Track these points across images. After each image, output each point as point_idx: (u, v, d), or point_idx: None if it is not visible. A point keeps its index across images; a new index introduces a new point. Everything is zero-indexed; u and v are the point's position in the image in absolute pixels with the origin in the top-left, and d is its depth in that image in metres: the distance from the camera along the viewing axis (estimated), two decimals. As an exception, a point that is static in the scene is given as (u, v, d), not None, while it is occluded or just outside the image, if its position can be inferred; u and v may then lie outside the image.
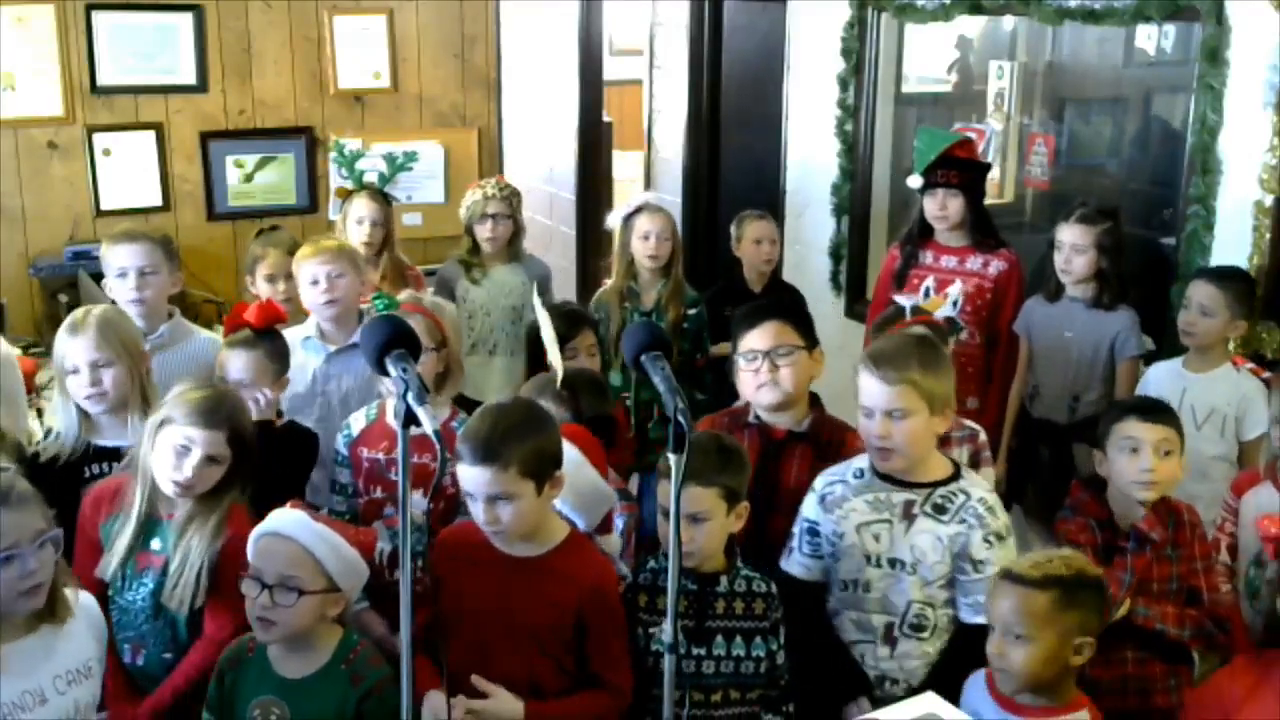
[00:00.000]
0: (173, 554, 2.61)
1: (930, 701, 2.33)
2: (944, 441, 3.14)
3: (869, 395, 2.63)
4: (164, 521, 2.65)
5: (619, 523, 2.94)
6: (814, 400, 3.05)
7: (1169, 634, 2.74)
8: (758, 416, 3.01)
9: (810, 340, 3.02)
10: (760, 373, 2.93)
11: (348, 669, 2.41)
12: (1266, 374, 3.38)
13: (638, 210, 4.39)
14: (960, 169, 4.00)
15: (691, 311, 4.35)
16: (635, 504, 3.09)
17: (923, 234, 4.13)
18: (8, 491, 2.12)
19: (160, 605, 2.63)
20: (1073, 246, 3.73)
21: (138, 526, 2.64)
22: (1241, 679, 2.31)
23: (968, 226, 4.05)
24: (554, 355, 3.18)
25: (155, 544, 2.65)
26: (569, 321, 3.56)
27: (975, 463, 3.21)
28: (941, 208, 4.02)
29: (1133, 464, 2.82)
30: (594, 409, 3.06)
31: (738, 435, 2.96)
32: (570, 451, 2.63)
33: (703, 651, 2.55)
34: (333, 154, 4.76)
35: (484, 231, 4.56)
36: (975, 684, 2.49)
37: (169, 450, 2.60)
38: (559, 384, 3.05)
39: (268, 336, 3.22)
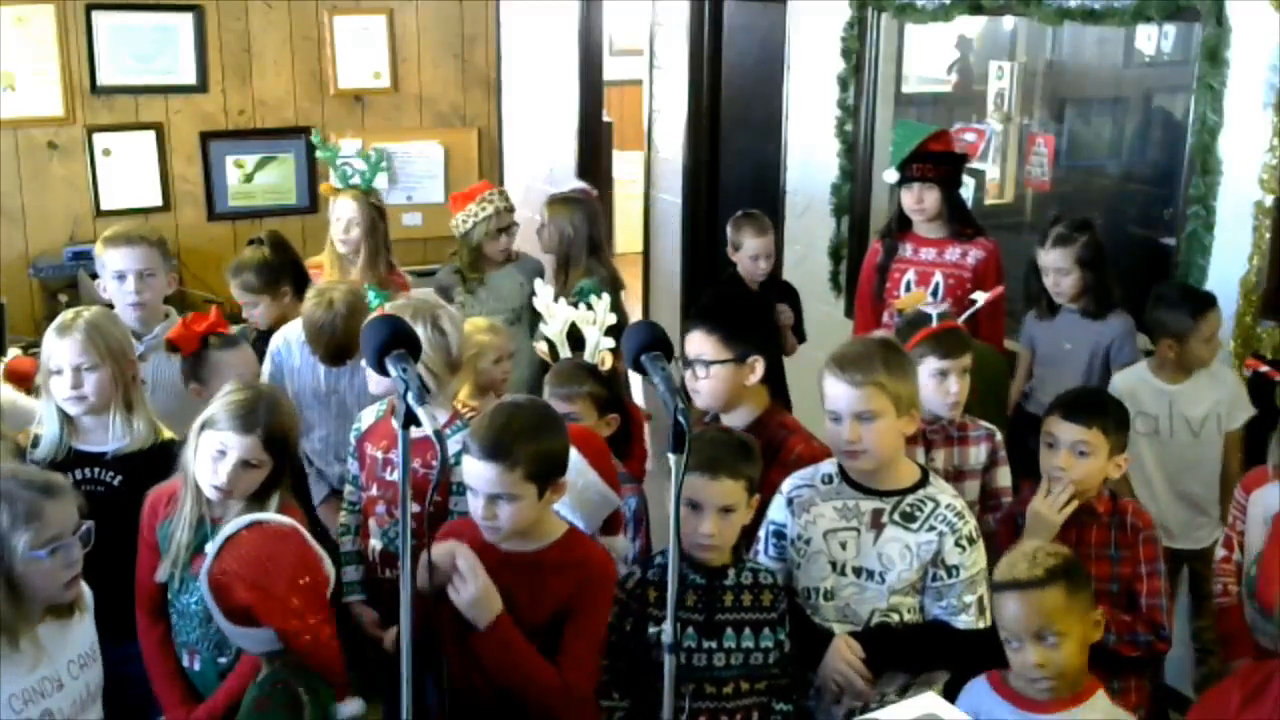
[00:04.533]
0: None
1: (930, 701, 2.33)
2: (964, 441, 3.16)
3: (835, 399, 2.61)
4: (217, 525, 2.63)
5: (631, 503, 2.96)
6: (781, 397, 3.03)
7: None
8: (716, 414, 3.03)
9: (742, 350, 2.93)
10: (689, 378, 2.93)
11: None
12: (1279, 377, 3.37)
13: None
14: (936, 162, 4.02)
15: None
16: (639, 485, 3.10)
17: (901, 227, 4.16)
18: (52, 483, 2.21)
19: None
20: (1056, 270, 3.77)
21: (192, 531, 2.63)
22: (1244, 682, 2.31)
23: (945, 218, 4.08)
24: (563, 346, 3.21)
25: (209, 548, 2.61)
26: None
27: (993, 461, 3.21)
28: (918, 201, 4.04)
29: (1047, 459, 2.85)
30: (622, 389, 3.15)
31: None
32: (572, 454, 2.63)
33: (714, 644, 2.54)
34: (345, 157, 4.78)
35: (497, 245, 4.57)
36: (980, 691, 2.47)
37: (207, 454, 2.60)
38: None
39: (233, 338, 3.27)
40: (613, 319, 3.26)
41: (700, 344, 2.94)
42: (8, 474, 2.23)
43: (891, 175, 4.13)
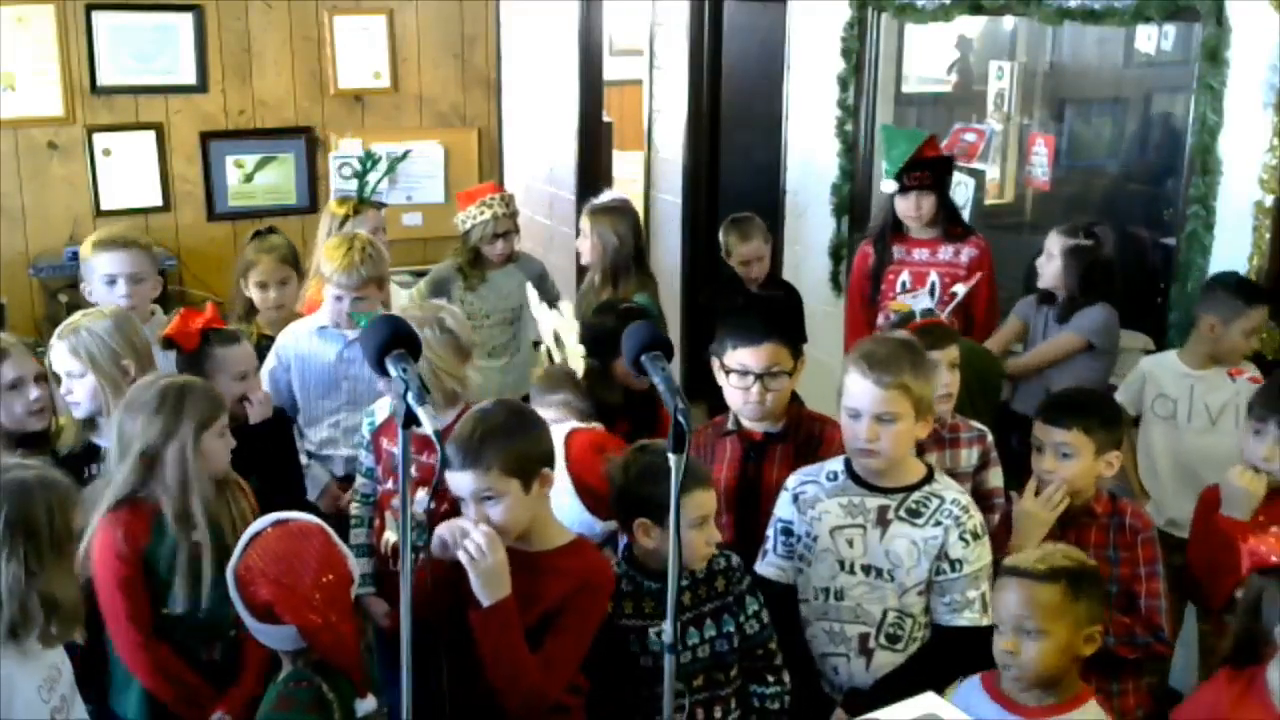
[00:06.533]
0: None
1: (930, 701, 2.32)
2: (954, 443, 3.16)
3: (858, 397, 2.61)
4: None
5: None
6: (792, 396, 3.03)
7: None
8: (737, 422, 2.99)
9: (798, 350, 2.98)
10: (750, 391, 2.89)
11: None
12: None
13: None
14: (930, 168, 4.06)
15: None
16: None
17: (892, 230, 4.19)
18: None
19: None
20: (1046, 252, 3.88)
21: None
22: (1230, 685, 2.32)
23: (937, 220, 4.12)
24: (555, 349, 3.21)
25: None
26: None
27: (985, 463, 3.21)
28: (916, 208, 4.09)
29: (1036, 462, 2.87)
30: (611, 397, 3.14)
31: (719, 445, 2.98)
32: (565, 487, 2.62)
33: (679, 647, 2.51)
34: (345, 158, 4.77)
35: (496, 248, 4.56)
36: (971, 689, 2.46)
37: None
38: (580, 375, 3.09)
39: (233, 333, 3.30)
40: None
41: (771, 356, 2.88)
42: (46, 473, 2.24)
43: (890, 186, 4.15)
